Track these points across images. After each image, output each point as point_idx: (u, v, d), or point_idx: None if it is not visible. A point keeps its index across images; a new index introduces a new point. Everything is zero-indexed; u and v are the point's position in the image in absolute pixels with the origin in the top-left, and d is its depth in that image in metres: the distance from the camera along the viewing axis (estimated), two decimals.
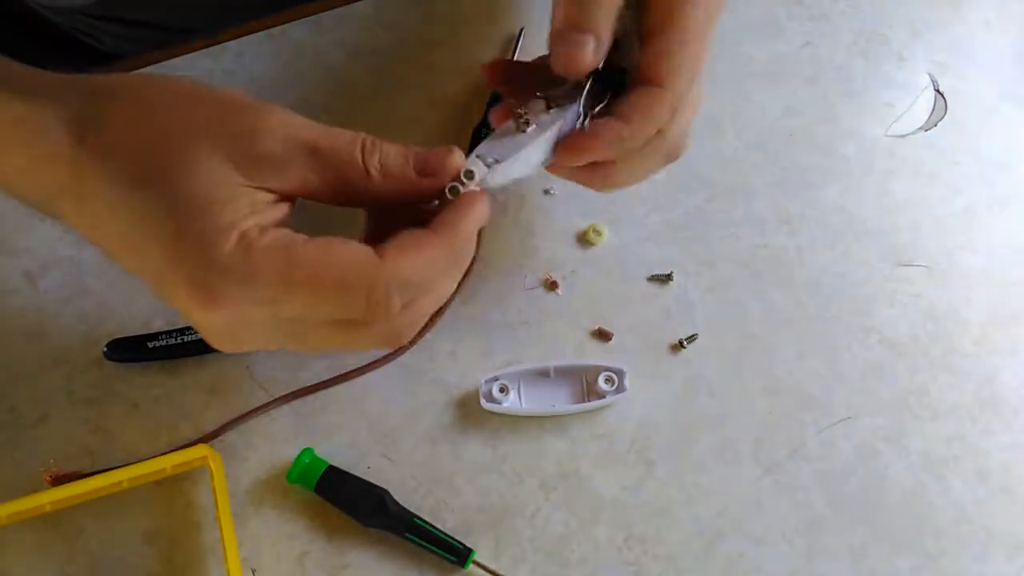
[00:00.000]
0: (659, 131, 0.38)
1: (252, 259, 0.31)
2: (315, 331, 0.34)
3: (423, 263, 0.33)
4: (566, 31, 0.36)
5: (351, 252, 0.32)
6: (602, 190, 0.43)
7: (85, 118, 0.33)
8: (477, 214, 0.35)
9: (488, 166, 0.36)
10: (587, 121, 0.38)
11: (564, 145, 0.38)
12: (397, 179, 0.34)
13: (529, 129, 0.37)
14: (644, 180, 0.42)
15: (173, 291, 0.32)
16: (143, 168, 0.32)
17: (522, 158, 0.37)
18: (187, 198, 0.31)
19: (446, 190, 0.35)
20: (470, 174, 0.35)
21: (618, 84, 0.39)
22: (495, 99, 0.53)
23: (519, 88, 0.41)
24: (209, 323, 0.33)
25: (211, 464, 0.43)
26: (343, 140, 0.34)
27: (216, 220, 0.31)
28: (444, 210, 0.35)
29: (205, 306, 0.31)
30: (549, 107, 0.38)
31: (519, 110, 0.37)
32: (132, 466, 0.43)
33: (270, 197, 0.33)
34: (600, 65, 0.38)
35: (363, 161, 0.34)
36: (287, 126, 0.33)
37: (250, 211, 0.32)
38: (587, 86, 0.38)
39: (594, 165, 0.39)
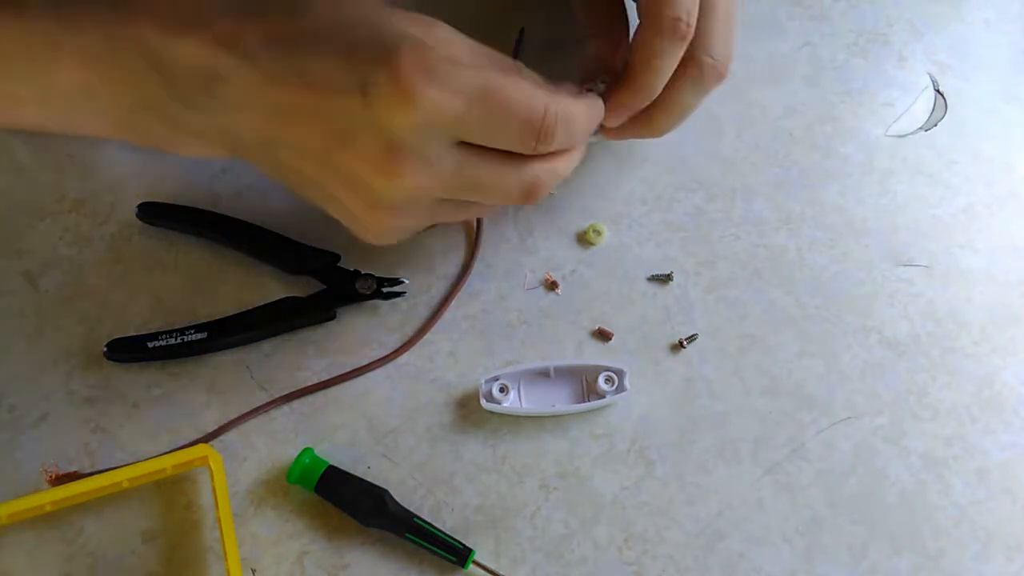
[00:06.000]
0: (689, 57, 0.42)
1: (463, 67, 0.35)
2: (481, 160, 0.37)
3: (583, 111, 0.40)
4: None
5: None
6: (659, 133, 0.46)
7: None
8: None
9: None
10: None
11: (610, 107, 0.43)
12: None
13: None
14: (696, 108, 0.45)
15: (379, 76, 0.33)
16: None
17: None
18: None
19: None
20: None
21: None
22: None
23: None
24: (398, 116, 0.34)
25: (211, 464, 0.43)
26: None
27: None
28: None
29: (414, 85, 0.33)
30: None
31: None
32: (132, 466, 0.43)
33: None
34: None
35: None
36: None
37: None
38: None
39: (639, 114, 0.44)
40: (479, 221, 0.50)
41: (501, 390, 0.45)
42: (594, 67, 0.45)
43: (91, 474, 0.43)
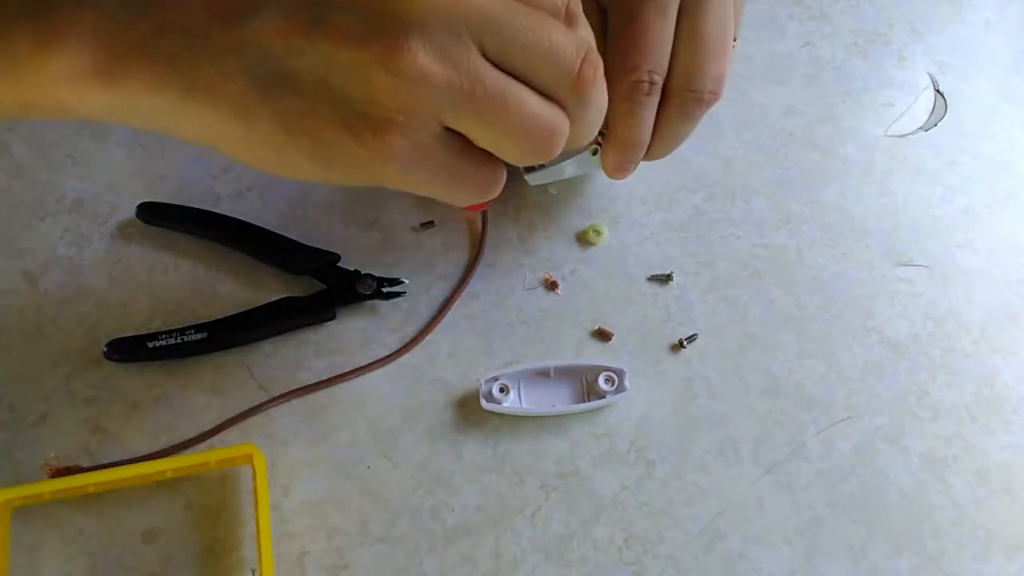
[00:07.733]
0: (670, 93, 0.42)
1: None
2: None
3: None
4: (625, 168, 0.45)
5: None
6: (659, 158, 0.46)
7: None
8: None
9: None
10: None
11: (611, 165, 0.44)
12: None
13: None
14: (691, 131, 0.45)
15: None
16: None
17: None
18: None
19: None
20: None
21: None
22: None
23: None
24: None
25: (255, 463, 0.42)
26: None
27: None
28: None
29: None
30: None
31: None
32: (177, 457, 0.43)
33: None
34: None
35: None
36: None
37: None
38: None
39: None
40: (484, 220, 0.50)
41: (501, 390, 0.45)
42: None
43: (130, 461, 0.43)
